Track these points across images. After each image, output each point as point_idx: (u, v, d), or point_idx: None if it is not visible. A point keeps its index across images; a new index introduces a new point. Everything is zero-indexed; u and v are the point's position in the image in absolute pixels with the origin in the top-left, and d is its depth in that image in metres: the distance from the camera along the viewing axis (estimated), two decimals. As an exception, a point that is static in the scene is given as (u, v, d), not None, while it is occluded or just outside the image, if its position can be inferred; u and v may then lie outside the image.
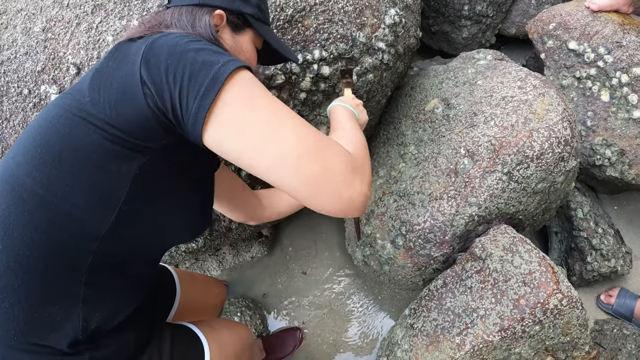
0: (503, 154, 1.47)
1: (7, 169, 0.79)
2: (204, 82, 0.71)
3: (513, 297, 1.35)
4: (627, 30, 1.96)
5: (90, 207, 0.77)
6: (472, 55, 1.88)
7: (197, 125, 0.72)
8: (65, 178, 0.76)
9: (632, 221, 2.32)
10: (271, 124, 0.71)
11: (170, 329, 1.08)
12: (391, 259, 1.72)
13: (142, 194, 0.80)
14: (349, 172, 0.74)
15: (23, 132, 0.84)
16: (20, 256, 0.76)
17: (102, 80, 0.78)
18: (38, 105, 1.40)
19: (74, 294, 0.80)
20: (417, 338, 1.49)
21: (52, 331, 0.79)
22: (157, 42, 0.76)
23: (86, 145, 0.75)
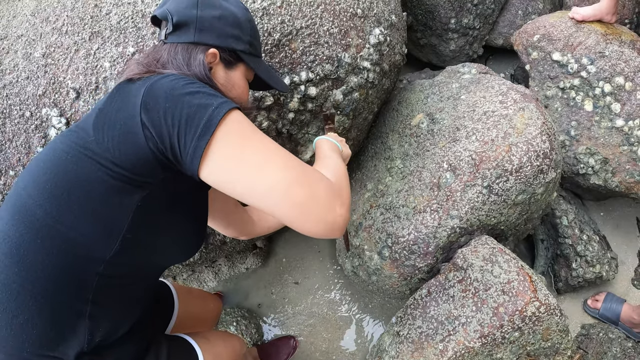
0: (483, 168, 1.53)
1: (19, 199, 0.88)
2: (200, 124, 0.79)
3: (492, 305, 1.41)
4: (610, 40, 2.01)
5: (96, 236, 0.85)
6: (457, 69, 1.95)
7: (195, 163, 0.79)
8: (73, 210, 0.84)
9: (618, 226, 2.38)
10: (261, 158, 0.80)
11: (167, 340, 1.15)
12: (378, 270, 1.78)
13: (143, 223, 0.88)
14: (330, 198, 0.82)
15: (31, 163, 0.93)
16: (34, 278, 0.84)
17: (106, 121, 0.86)
18: (40, 127, 1.46)
19: (81, 311, 0.88)
20: (403, 345, 1.55)
21: (60, 344, 0.87)
22: (155, 85, 0.84)
23: (92, 182, 0.84)
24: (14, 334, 0.84)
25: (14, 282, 0.84)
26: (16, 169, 1.52)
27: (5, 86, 1.46)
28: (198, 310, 1.49)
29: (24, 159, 1.51)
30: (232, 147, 0.80)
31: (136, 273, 0.96)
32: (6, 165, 1.52)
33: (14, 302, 0.84)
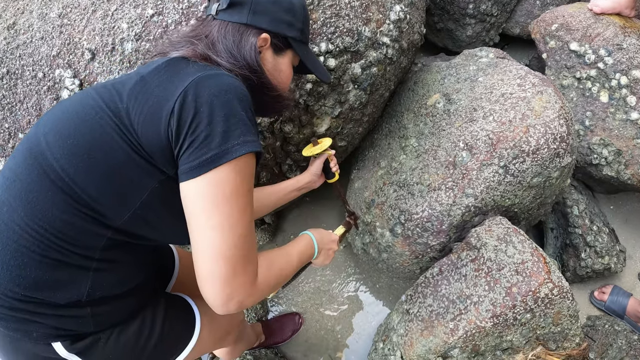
0: (500, 148, 1.52)
1: (37, 145, 0.86)
2: (213, 150, 0.80)
3: (505, 285, 1.39)
4: (628, 33, 1.99)
5: (108, 204, 0.85)
6: (475, 53, 1.93)
7: (186, 176, 0.82)
8: (91, 175, 0.83)
9: (627, 221, 2.36)
10: (225, 222, 0.81)
11: (166, 298, 1.15)
12: (390, 247, 1.77)
13: (155, 204, 0.89)
14: (239, 294, 0.84)
15: (57, 107, 0.91)
16: (40, 227, 0.83)
17: (142, 92, 0.85)
18: (52, 89, 1.44)
19: (86, 265, 0.87)
20: (412, 323, 1.54)
21: (58, 291, 0.86)
22: (204, 83, 0.84)
23: (115, 151, 0.83)
24: (10, 274, 0.84)
25: (17, 224, 0.83)
26: (26, 131, 1.50)
27: (18, 46, 1.44)
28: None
29: (34, 121, 1.49)
30: (218, 193, 0.81)
31: (143, 242, 0.96)
32: (16, 128, 1.51)
33: (14, 244, 0.84)
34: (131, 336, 0.99)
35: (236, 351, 1.63)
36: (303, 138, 1.66)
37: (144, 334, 1.01)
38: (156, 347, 1.03)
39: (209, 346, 1.27)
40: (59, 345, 0.90)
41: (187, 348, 1.13)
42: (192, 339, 1.14)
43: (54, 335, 0.89)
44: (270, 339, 1.94)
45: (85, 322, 0.91)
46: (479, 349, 1.45)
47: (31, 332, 0.88)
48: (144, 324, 1.02)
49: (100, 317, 0.93)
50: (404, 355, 1.52)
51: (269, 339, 1.93)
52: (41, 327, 0.88)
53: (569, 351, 1.54)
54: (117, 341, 0.96)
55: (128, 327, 0.99)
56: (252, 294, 0.87)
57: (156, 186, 0.86)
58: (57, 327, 0.88)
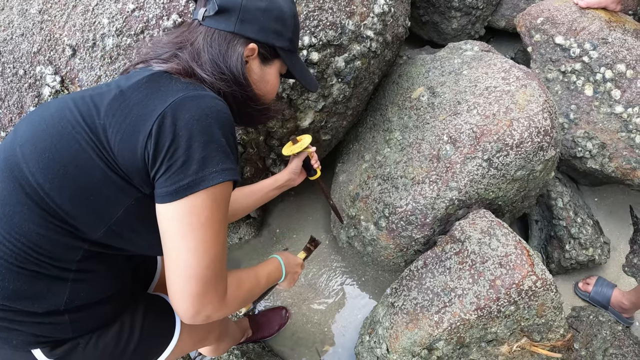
0: (484, 141, 1.52)
1: (12, 156, 0.85)
2: (190, 176, 0.80)
3: (489, 278, 1.40)
4: (614, 27, 2.01)
5: (83, 220, 0.85)
6: (460, 46, 1.93)
7: (162, 199, 0.81)
8: (66, 190, 0.83)
9: (611, 213, 2.39)
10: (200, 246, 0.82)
11: (146, 300, 1.14)
12: (374, 240, 1.77)
13: (130, 220, 0.89)
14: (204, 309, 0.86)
15: (34, 115, 0.90)
16: (16, 240, 0.83)
17: (121, 108, 0.84)
18: (33, 86, 1.43)
19: (63, 277, 0.88)
20: (397, 316, 1.55)
21: (36, 301, 0.86)
22: (183, 104, 0.82)
23: (91, 168, 0.83)
24: None
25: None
26: (7, 129, 1.49)
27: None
28: None
29: (16, 120, 1.48)
30: (192, 218, 0.81)
31: (116, 256, 0.96)
32: (-2, 126, 1.49)
33: None
34: (110, 340, 0.99)
35: (220, 348, 1.64)
36: (287, 132, 1.66)
37: (123, 338, 1.01)
38: (135, 350, 1.03)
39: (190, 346, 1.27)
40: (38, 351, 0.90)
41: (167, 350, 1.13)
42: (172, 341, 1.14)
43: (34, 342, 0.89)
44: (258, 334, 1.94)
45: (63, 329, 0.91)
46: (464, 341, 1.46)
47: (10, 339, 0.88)
48: (123, 328, 1.02)
49: (78, 323, 0.93)
50: (389, 347, 1.53)
51: (256, 334, 1.93)
52: (20, 335, 0.88)
53: (553, 342, 1.56)
54: (96, 346, 0.96)
55: (107, 332, 0.99)
56: (219, 309, 0.88)
57: (132, 203, 0.86)
58: (36, 334, 0.88)
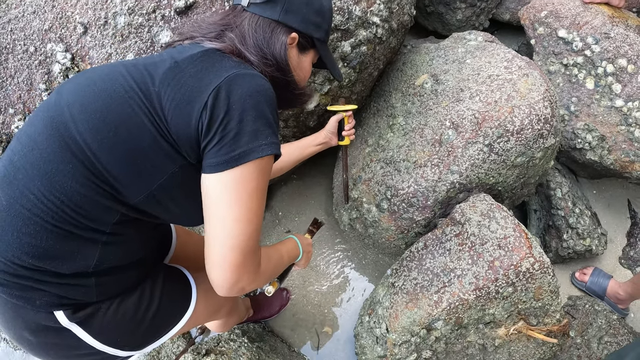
0: (485, 126, 1.55)
1: (60, 115, 0.87)
2: (241, 147, 0.84)
3: (488, 259, 1.43)
4: (616, 22, 2.03)
5: (127, 183, 0.87)
6: (464, 36, 1.95)
7: (212, 169, 0.85)
8: (114, 152, 0.85)
9: (609, 205, 2.41)
10: (245, 215, 0.87)
11: (165, 270, 1.17)
12: (376, 222, 1.80)
13: (171, 187, 0.91)
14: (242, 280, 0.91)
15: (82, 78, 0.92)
16: (55, 198, 0.84)
17: (176, 79, 0.87)
18: (43, 63, 1.45)
19: (96, 238, 0.89)
20: (397, 296, 1.58)
21: (65, 262, 0.88)
22: (238, 81, 0.87)
23: (142, 132, 0.85)
24: (20, 242, 0.85)
25: (32, 193, 0.84)
26: (16, 106, 1.51)
27: (10, 21, 1.44)
28: (194, 253, 1.50)
29: (25, 97, 1.50)
30: (240, 188, 0.86)
31: (154, 220, 0.99)
32: (6, 103, 1.51)
33: (28, 212, 0.84)
34: (130, 307, 1.01)
35: (228, 324, 1.67)
36: (292, 114, 1.68)
37: (143, 306, 1.03)
38: (154, 318, 1.05)
39: (203, 318, 1.29)
40: (60, 313, 0.91)
41: (183, 320, 1.15)
42: (187, 311, 1.17)
43: (57, 304, 0.90)
44: (259, 314, 1.97)
45: (88, 292, 0.92)
46: (462, 321, 1.49)
47: (34, 299, 0.89)
48: (143, 295, 1.04)
49: (103, 287, 0.94)
50: (389, 327, 1.56)
51: (257, 314, 1.96)
52: (45, 295, 0.89)
53: (549, 327, 1.59)
54: (117, 312, 0.98)
55: (128, 298, 1.01)
56: (254, 280, 0.94)
57: (176, 170, 0.89)
58: (60, 295, 0.89)
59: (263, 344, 1.82)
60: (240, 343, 1.70)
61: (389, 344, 1.56)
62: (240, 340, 1.72)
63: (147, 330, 1.06)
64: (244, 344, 1.71)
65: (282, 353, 1.88)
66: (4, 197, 0.86)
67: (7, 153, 0.90)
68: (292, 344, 2.02)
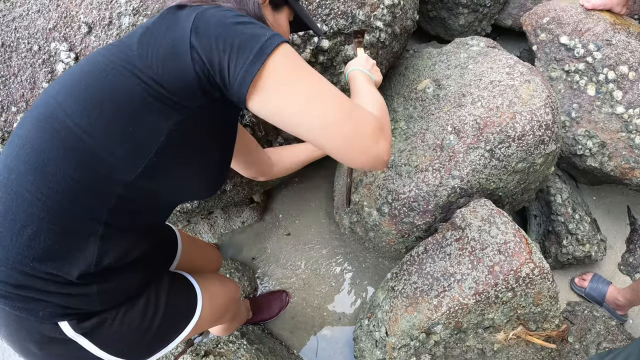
0: (487, 132, 1.55)
1: (47, 107, 0.86)
2: (253, 51, 0.79)
3: (488, 264, 1.44)
4: (618, 29, 2.03)
5: (123, 154, 0.84)
6: (466, 41, 1.96)
7: (243, 89, 0.80)
8: (105, 125, 0.82)
9: (609, 212, 2.42)
10: (312, 90, 0.81)
11: (169, 276, 1.16)
12: (376, 226, 1.81)
13: (171, 149, 0.88)
14: (375, 133, 0.84)
15: (64, 74, 0.91)
16: (50, 190, 0.82)
17: (152, 39, 0.84)
18: (47, 62, 1.45)
19: (93, 230, 0.87)
20: (397, 299, 1.58)
21: (66, 262, 0.85)
22: (207, 12, 0.84)
23: (129, 97, 0.82)
24: (19, 246, 0.83)
25: (27, 190, 0.82)
26: (19, 104, 1.51)
27: (14, 19, 1.44)
28: (199, 258, 1.50)
29: (27, 95, 1.50)
30: (283, 76, 0.80)
31: (152, 202, 0.96)
32: (9, 101, 1.51)
33: (23, 212, 0.83)
34: (136, 316, 0.99)
35: (231, 328, 1.66)
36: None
37: (149, 314, 1.01)
38: (160, 326, 1.04)
39: (208, 324, 1.28)
40: (65, 324, 0.89)
41: (189, 327, 1.14)
42: (193, 318, 1.15)
43: (61, 314, 0.89)
44: (258, 316, 1.97)
45: (91, 300, 0.91)
46: (462, 326, 1.49)
47: (37, 310, 0.87)
48: (149, 303, 1.02)
49: (105, 294, 0.92)
50: (388, 331, 1.56)
51: (257, 316, 1.96)
52: (48, 306, 0.87)
53: (548, 332, 1.59)
54: (123, 321, 0.96)
55: (133, 307, 0.99)
56: (382, 124, 0.87)
57: (172, 128, 0.85)
58: (63, 305, 0.88)
59: (262, 346, 1.82)
60: (240, 345, 1.71)
61: (388, 348, 1.56)
62: (239, 342, 1.72)
63: (154, 339, 1.05)
64: (243, 345, 1.71)
65: (281, 355, 1.89)
66: (0, 202, 0.84)
67: (0, 158, 0.88)
68: (291, 347, 2.03)
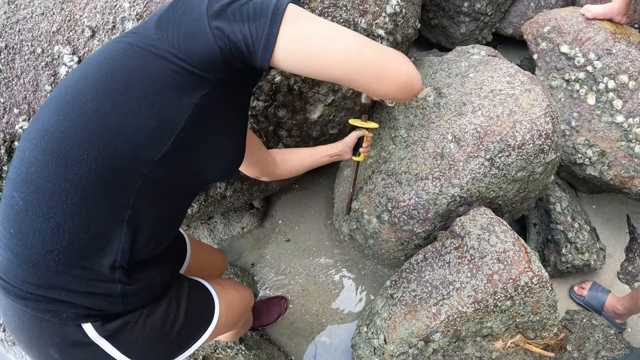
0: (487, 141, 1.56)
1: (65, 96, 0.84)
2: (268, 13, 0.84)
3: (487, 273, 1.44)
4: (618, 39, 2.04)
5: (149, 132, 0.83)
6: (467, 50, 1.97)
7: (269, 48, 0.84)
8: (130, 104, 0.82)
9: (609, 221, 2.42)
10: (332, 30, 0.87)
11: (188, 281, 1.14)
12: (376, 233, 1.81)
13: (197, 125, 0.89)
14: (400, 56, 0.91)
15: (80, 65, 0.90)
16: (74, 176, 0.79)
17: (169, 24, 0.86)
18: (50, 65, 1.46)
19: (120, 215, 0.84)
20: (396, 307, 1.58)
21: (92, 252, 0.83)
22: None
23: (153, 75, 0.83)
24: (43, 240, 0.80)
25: (49, 181, 0.80)
26: (21, 107, 1.51)
27: (18, 21, 1.45)
28: (207, 262, 1.50)
29: (30, 97, 1.51)
30: (303, 27, 0.86)
31: (179, 182, 0.95)
32: (11, 103, 1.51)
33: (45, 204, 0.80)
34: (158, 320, 0.97)
35: (239, 333, 1.66)
36: (295, 123, 1.69)
37: (170, 318, 1.00)
38: (180, 332, 1.02)
39: (222, 330, 1.25)
40: (89, 326, 0.87)
41: (206, 333, 1.12)
42: (212, 323, 1.14)
43: (84, 316, 0.86)
44: (257, 321, 1.97)
45: (115, 300, 0.88)
46: (460, 334, 1.50)
47: (61, 312, 0.84)
48: (170, 307, 1.01)
49: (129, 295, 0.90)
50: (387, 338, 1.56)
51: (255, 321, 1.96)
52: (72, 307, 0.84)
53: (547, 341, 1.59)
54: (144, 325, 0.94)
55: (155, 311, 0.97)
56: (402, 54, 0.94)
57: (197, 103, 0.86)
58: (87, 306, 0.85)
59: (260, 352, 1.82)
60: (238, 350, 1.71)
61: (386, 355, 1.56)
62: (237, 348, 1.72)
63: (173, 344, 1.03)
64: (241, 351, 1.71)
65: (279, 361, 1.89)
66: (20, 198, 0.82)
67: (16, 155, 0.86)
68: (289, 353, 2.03)
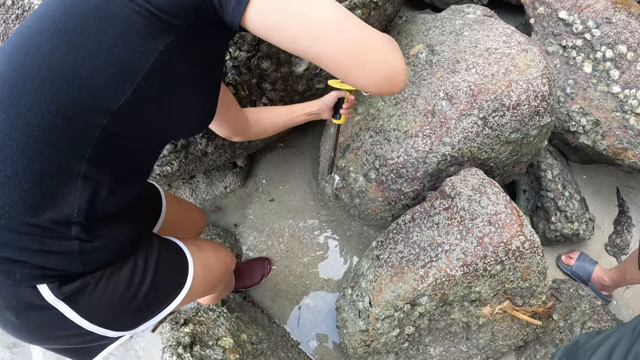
0: (481, 99, 1.50)
1: (20, 38, 0.76)
2: None
3: (478, 235, 1.39)
4: (619, 8, 1.99)
5: (108, 77, 0.75)
6: (462, 9, 1.89)
7: (241, 7, 0.76)
8: (87, 45, 0.73)
9: (598, 192, 2.40)
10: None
11: (160, 241, 1.06)
12: (362, 192, 1.76)
13: (160, 74, 0.80)
14: (390, 41, 0.79)
15: (41, 5, 0.81)
16: (25, 125, 0.73)
17: None
18: (21, 17, 1.37)
19: (75, 169, 0.77)
20: (382, 269, 1.54)
21: (46, 209, 0.77)
22: None
23: (115, 16, 0.74)
24: None
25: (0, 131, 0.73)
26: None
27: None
28: (184, 219, 1.43)
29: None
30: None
31: (140, 136, 0.87)
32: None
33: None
34: (121, 282, 0.89)
35: (220, 296, 1.60)
36: (280, 76, 1.61)
37: (136, 280, 0.92)
38: (147, 295, 0.94)
39: (199, 295, 1.18)
40: (45, 287, 0.80)
41: (178, 298, 1.04)
42: (184, 288, 1.05)
43: (40, 276, 0.79)
44: (239, 283, 1.92)
45: (73, 259, 0.81)
46: (448, 298, 1.46)
47: (15, 273, 0.78)
48: (136, 268, 0.93)
49: (88, 254, 0.83)
50: (372, 301, 1.52)
51: (238, 283, 1.92)
52: (25, 267, 0.77)
53: (535, 308, 1.57)
54: (106, 287, 0.87)
55: (118, 272, 0.89)
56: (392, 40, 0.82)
57: (162, 50, 0.77)
58: (42, 266, 0.78)
59: (242, 314, 1.78)
60: (219, 313, 1.66)
61: (371, 318, 1.52)
62: (219, 310, 1.67)
63: (140, 308, 0.95)
64: (223, 313, 1.66)
65: (262, 324, 1.84)
66: None
67: None
68: (273, 315, 1.99)
